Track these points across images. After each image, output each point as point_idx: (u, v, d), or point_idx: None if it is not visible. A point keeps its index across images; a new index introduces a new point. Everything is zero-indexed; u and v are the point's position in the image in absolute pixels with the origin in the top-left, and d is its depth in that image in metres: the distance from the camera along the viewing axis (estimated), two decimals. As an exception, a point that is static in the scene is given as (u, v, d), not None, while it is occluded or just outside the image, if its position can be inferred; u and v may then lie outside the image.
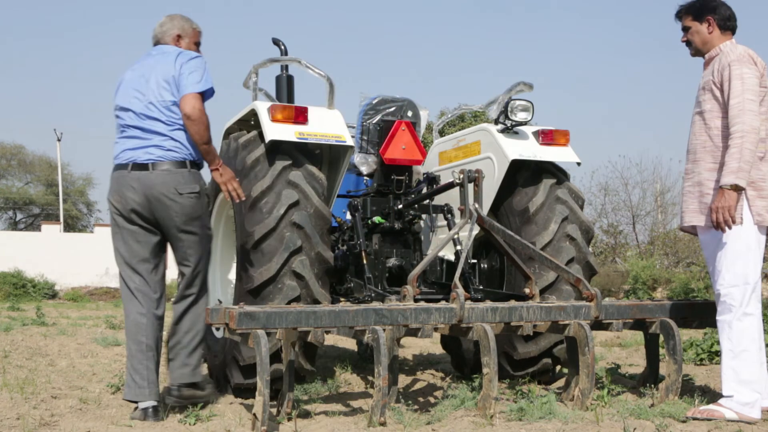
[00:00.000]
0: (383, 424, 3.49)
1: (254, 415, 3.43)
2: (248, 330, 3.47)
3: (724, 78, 3.72)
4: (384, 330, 3.58)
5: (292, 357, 3.93)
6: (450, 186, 4.66)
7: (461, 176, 4.44)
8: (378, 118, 5.33)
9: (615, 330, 4.12)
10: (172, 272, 4.43)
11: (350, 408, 4.20)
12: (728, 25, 3.88)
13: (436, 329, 3.84)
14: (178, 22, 4.35)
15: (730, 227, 3.60)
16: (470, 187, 4.40)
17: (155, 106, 4.04)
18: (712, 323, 4.28)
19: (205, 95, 4.06)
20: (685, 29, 3.99)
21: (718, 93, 3.76)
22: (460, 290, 3.81)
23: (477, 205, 4.37)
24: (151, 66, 4.14)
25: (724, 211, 3.57)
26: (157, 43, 4.32)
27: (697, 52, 3.98)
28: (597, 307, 4.02)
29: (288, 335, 3.70)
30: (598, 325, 4.09)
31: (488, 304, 3.92)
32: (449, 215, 5.19)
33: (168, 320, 4.26)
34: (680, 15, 4.02)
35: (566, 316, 3.97)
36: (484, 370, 3.63)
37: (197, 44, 4.42)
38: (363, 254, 4.84)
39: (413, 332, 3.79)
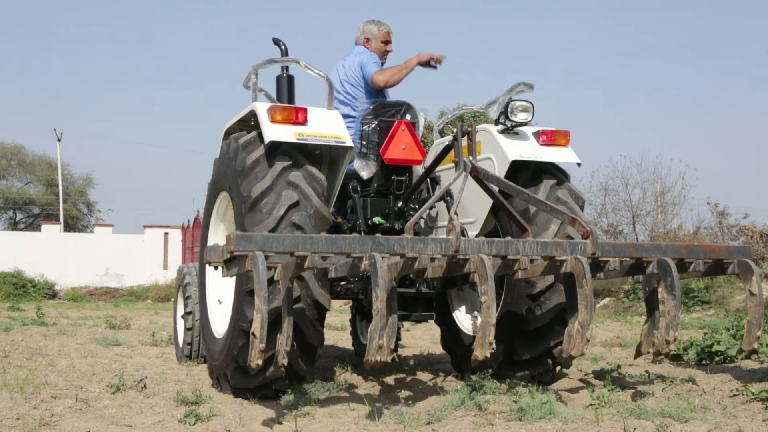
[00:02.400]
0: (382, 347, 3.49)
1: (252, 333, 3.45)
2: (246, 252, 3.48)
3: None
4: (382, 258, 3.56)
5: (291, 290, 3.91)
6: (447, 150, 4.71)
7: (454, 131, 4.53)
8: (376, 121, 5.33)
9: (612, 269, 4.06)
10: (171, 272, 4.43)
11: (350, 408, 4.21)
12: None
13: (433, 260, 3.80)
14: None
15: None
16: (464, 140, 4.50)
17: None
18: (711, 269, 4.28)
19: None
20: None
21: None
22: (456, 222, 3.80)
23: (471, 158, 4.41)
24: None
25: None
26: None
27: None
28: (593, 243, 3.99)
29: (286, 269, 3.70)
30: (595, 266, 4.06)
31: (484, 238, 3.90)
32: (449, 197, 5.18)
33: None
34: None
35: (563, 252, 3.95)
36: (482, 298, 3.61)
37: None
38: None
39: (409, 266, 3.74)
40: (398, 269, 3.74)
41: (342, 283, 5.17)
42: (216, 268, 3.82)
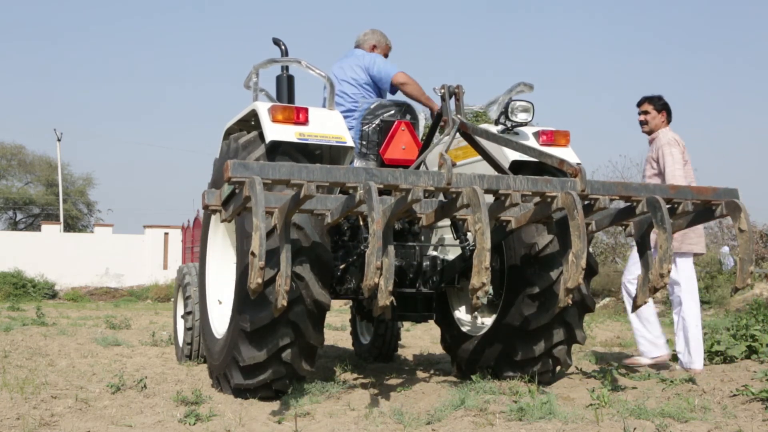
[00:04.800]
0: (380, 268, 3.51)
1: (252, 252, 3.49)
2: (243, 178, 3.52)
3: (659, 155, 5.53)
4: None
5: (288, 234, 3.93)
6: (439, 117, 4.91)
7: (442, 90, 4.75)
8: (376, 120, 5.32)
9: (602, 207, 4.08)
10: (171, 272, 4.43)
11: (350, 408, 4.21)
12: (670, 117, 5.73)
13: (426, 194, 3.83)
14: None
15: None
16: (452, 101, 4.78)
17: None
18: (699, 215, 4.37)
19: None
20: (645, 113, 5.72)
21: (655, 165, 5.59)
22: (447, 157, 3.86)
23: (459, 116, 4.64)
24: None
25: None
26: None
27: (648, 131, 5.73)
28: (583, 180, 4.02)
29: (282, 212, 3.73)
30: (587, 207, 4.09)
31: (476, 173, 3.98)
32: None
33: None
34: (642, 102, 5.75)
35: (553, 188, 3.99)
36: (477, 225, 3.65)
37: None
38: (364, 254, 4.83)
39: (403, 201, 3.74)
40: (392, 208, 3.81)
41: (342, 284, 5.18)
42: (213, 212, 3.86)
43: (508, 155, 4.85)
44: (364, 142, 5.29)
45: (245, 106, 4.96)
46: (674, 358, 5.63)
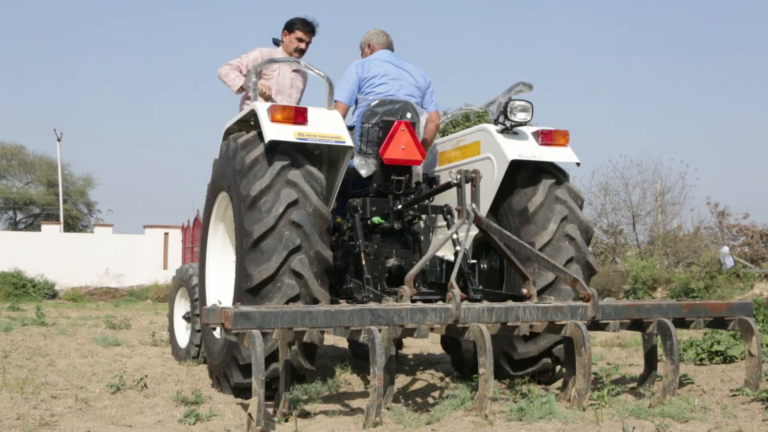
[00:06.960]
0: (378, 424, 3.49)
1: (249, 415, 3.44)
2: (243, 330, 3.46)
3: None
4: (380, 330, 3.57)
5: (289, 357, 3.92)
6: (447, 186, 4.67)
7: (458, 177, 4.47)
8: (377, 119, 5.32)
9: (612, 330, 4.11)
10: (171, 272, 4.43)
11: (350, 408, 4.20)
12: None
13: (432, 329, 3.83)
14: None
15: None
16: (467, 187, 4.44)
17: None
18: (711, 324, 4.28)
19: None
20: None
21: None
22: (456, 290, 3.81)
23: (474, 206, 4.38)
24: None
25: None
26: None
27: None
28: (594, 307, 4.00)
29: (284, 335, 3.70)
30: (595, 325, 4.09)
31: (485, 304, 3.91)
32: (449, 215, 5.20)
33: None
34: None
35: (563, 317, 3.96)
36: (481, 371, 3.63)
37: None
38: (362, 255, 4.84)
39: (409, 332, 3.78)
40: (397, 334, 3.78)
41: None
42: (214, 329, 3.77)
43: (507, 155, 4.85)
44: (364, 140, 5.29)
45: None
46: None
